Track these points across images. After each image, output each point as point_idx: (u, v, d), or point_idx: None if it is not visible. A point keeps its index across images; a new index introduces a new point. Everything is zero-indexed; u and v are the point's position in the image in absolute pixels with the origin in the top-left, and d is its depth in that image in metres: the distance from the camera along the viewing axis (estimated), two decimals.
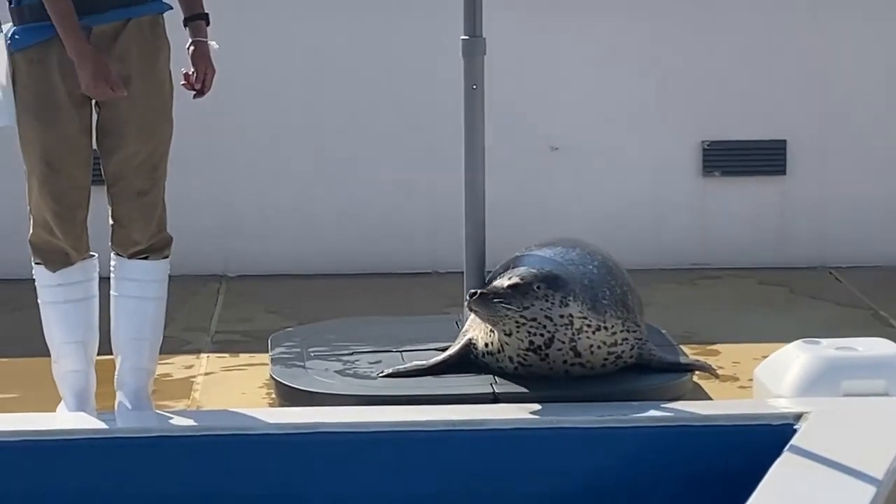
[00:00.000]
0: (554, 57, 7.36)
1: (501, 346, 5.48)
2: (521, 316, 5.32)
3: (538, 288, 5.34)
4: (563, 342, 5.39)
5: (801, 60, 7.48)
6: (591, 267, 5.57)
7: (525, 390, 5.36)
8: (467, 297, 5.37)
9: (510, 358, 5.45)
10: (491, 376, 5.46)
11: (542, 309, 5.33)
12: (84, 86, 4.96)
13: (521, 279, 5.34)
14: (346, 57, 7.44)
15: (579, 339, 5.40)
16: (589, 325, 5.42)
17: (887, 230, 7.49)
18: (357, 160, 7.43)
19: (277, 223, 7.43)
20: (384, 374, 5.54)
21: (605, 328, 5.46)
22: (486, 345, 5.51)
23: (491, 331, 5.47)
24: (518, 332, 5.36)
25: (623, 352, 5.52)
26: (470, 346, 5.56)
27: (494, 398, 5.31)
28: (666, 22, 7.45)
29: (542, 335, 5.38)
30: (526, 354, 5.41)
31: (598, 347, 5.44)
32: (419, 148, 7.18)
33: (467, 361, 5.56)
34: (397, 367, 5.60)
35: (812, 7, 7.47)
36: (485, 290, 5.35)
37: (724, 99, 7.47)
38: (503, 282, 5.37)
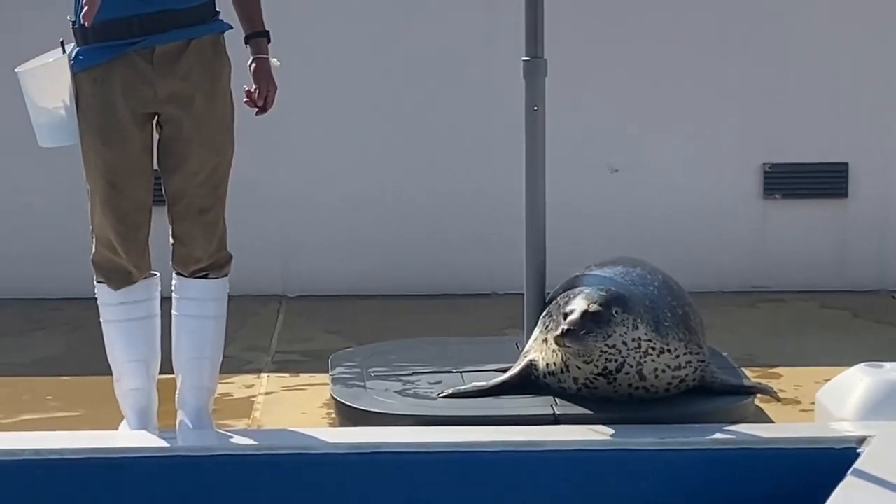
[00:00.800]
0: (613, 78, 7.35)
1: (566, 367, 5.46)
2: (605, 344, 5.32)
3: (616, 313, 5.34)
4: (632, 366, 5.39)
5: (863, 82, 7.44)
6: (651, 288, 5.58)
7: (586, 412, 5.35)
8: (558, 334, 5.29)
9: (575, 380, 5.44)
10: (551, 398, 5.46)
11: (620, 335, 5.33)
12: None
13: (599, 305, 5.33)
14: (403, 81, 7.39)
15: (645, 362, 5.40)
16: (654, 348, 5.41)
17: None
18: (415, 184, 7.41)
19: (337, 244, 7.42)
20: (444, 394, 5.55)
21: (669, 351, 5.45)
22: (548, 365, 5.49)
23: (554, 352, 5.46)
24: (599, 359, 5.36)
25: (686, 375, 5.50)
26: (531, 367, 5.54)
27: (555, 420, 5.31)
28: (725, 44, 7.41)
29: (615, 360, 5.37)
30: (595, 379, 5.40)
31: (663, 371, 5.43)
32: (478, 171, 7.17)
33: (528, 383, 5.55)
34: (457, 388, 5.61)
35: (873, 28, 7.44)
36: (572, 327, 5.28)
37: (785, 121, 7.45)
38: (578, 308, 5.32)
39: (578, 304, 5.32)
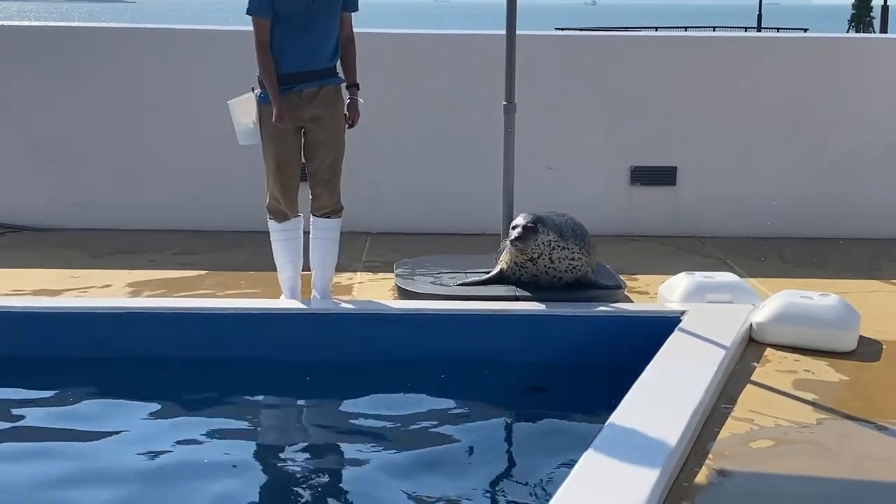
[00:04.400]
0: (552, 112, 7.22)
1: (514, 263, 5.56)
2: (533, 243, 5.44)
3: (539, 227, 5.45)
4: (546, 255, 5.48)
5: (684, 113, 7.30)
6: (563, 219, 5.62)
7: (533, 295, 5.45)
8: (511, 240, 5.44)
9: (517, 266, 5.53)
10: (513, 287, 5.53)
11: (541, 238, 5.44)
12: (274, 118, 5.10)
13: (530, 223, 5.44)
14: (428, 108, 7.29)
15: (553, 253, 5.49)
16: (559, 246, 5.49)
17: (740, 217, 7.31)
18: (439, 174, 7.30)
19: (404, 199, 7.32)
20: (458, 283, 5.67)
21: (568, 249, 5.50)
22: (509, 267, 5.60)
23: (511, 258, 5.53)
24: (529, 252, 5.46)
25: (578, 266, 5.54)
26: (501, 269, 5.63)
27: (515, 298, 5.44)
28: (614, 97, 7.30)
29: (537, 252, 5.47)
30: (525, 263, 5.50)
31: (562, 260, 5.50)
32: (479, 162, 6.98)
33: (501, 278, 5.63)
34: (465, 279, 5.72)
35: (695, 74, 7.29)
36: (518, 235, 5.40)
37: (642, 140, 7.33)
38: (520, 224, 5.42)
39: (520, 223, 5.46)
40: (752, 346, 5.01)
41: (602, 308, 5.32)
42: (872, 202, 7.44)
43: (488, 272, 5.76)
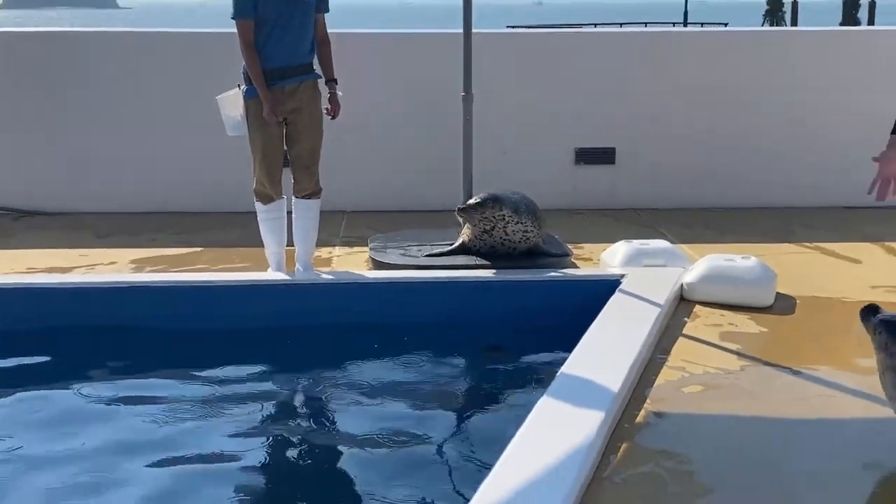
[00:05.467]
0: (506, 103, 7.18)
1: (473, 236, 5.53)
2: (482, 216, 5.41)
3: (488, 203, 5.44)
4: (500, 228, 5.45)
5: (620, 99, 7.24)
6: (516, 196, 5.61)
7: (490, 263, 5.47)
8: (456, 210, 5.47)
9: (476, 238, 5.49)
10: (473, 257, 5.54)
11: (490, 212, 5.41)
12: (264, 113, 5.07)
13: (481, 199, 5.44)
14: (402, 101, 7.15)
15: (507, 226, 5.47)
16: (512, 220, 5.46)
17: (671, 190, 7.28)
18: (411, 156, 7.19)
19: (377, 181, 7.23)
20: (425, 254, 5.65)
21: (521, 223, 5.48)
22: (470, 239, 5.58)
23: (471, 232, 5.51)
24: (479, 225, 5.44)
25: (530, 237, 5.52)
26: (463, 241, 5.62)
27: (476, 267, 5.44)
28: (558, 86, 7.23)
29: (490, 225, 5.45)
30: (482, 236, 5.49)
31: (515, 232, 5.48)
32: (443, 147, 6.75)
33: (463, 249, 5.62)
34: (431, 251, 5.70)
35: (625, 61, 7.24)
36: (462, 206, 5.45)
37: (585, 125, 7.28)
38: (471, 201, 5.49)
39: (473, 200, 5.48)
40: (683, 304, 5.03)
41: (552, 274, 5.32)
42: (785, 176, 7.43)
43: (451, 244, 5.73)
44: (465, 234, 5.61)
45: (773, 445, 3.44)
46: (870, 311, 3.26)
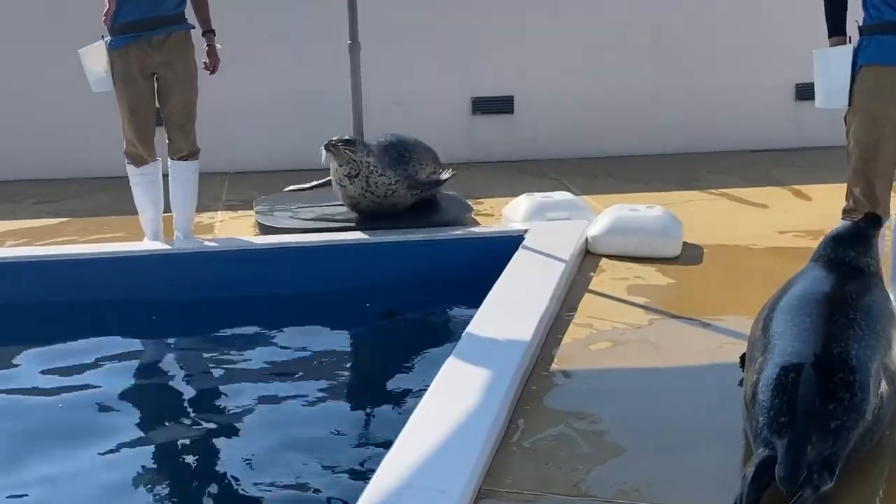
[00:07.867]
0: (396, 52, 7.16)
1: (338, 177, 5.40)
2: (350, 157, 5.27)
3: (358, 143, 5.34)
4: (364, 177, 5.33)
5: (523, 50, 7.32)
6: (398, 147, 5.51)
7: (389, 224, 5.38)
8: (326, 144, 5.25)
9: (339, 181, 5.38)
10: (356, 215, 5.40)
11: (358, 157, 5.29)
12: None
13: (352, 138, 5.37)
14: (291, 47, 7.15)
15: (370, 177, 5.36)
16: (376, 172, 5.36)
17: (572, 140, 7.38)
18: (299, 107, 7.08)
19: (260, 138, 7.18)
20: (289, 189, 5.62)
21: (385, 175, 5.38)
22: (338, 180, 5.42)
23: (338, 173, 5.37)
24: (345, 166, 5.30)
25: (396, 191, 5.41)
26: (328, 179, 5.54)
27: (372, 228, 5.34)
28: (460, 32, 7.24)
29: (355, 170, 5.31)
30: (344, 178, 5.35)
31: (378, 185, 5.37)
32: (330, 99, 6.71)
33: (327, 183, 5.55)
34: (297, 186, 5.77)
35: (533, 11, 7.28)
36: (332, 141, 5.27)
37: (483, 74, 7.35)
38: (343, 137, 5.34)
39: (344, 137, 5.32)
40: (589, 257, 5.05)
41: (453, 232, 5.31)
42: (689, 120, 7.55)
43: (324, 181, 5.69)
44: (333, 174, 5.48)
45: (684, 401, 3.44)
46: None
